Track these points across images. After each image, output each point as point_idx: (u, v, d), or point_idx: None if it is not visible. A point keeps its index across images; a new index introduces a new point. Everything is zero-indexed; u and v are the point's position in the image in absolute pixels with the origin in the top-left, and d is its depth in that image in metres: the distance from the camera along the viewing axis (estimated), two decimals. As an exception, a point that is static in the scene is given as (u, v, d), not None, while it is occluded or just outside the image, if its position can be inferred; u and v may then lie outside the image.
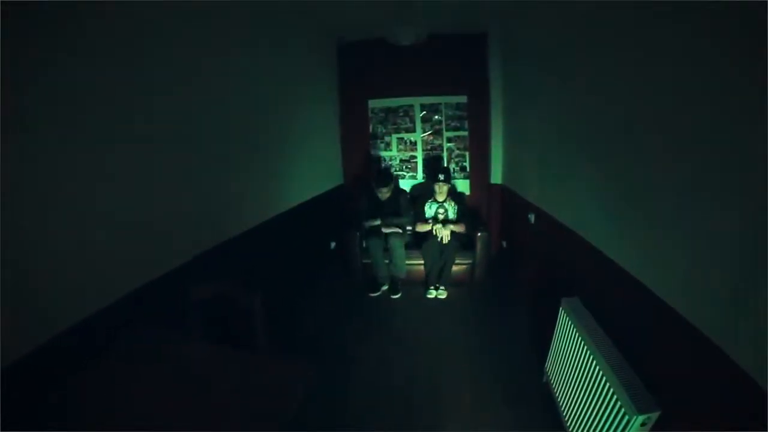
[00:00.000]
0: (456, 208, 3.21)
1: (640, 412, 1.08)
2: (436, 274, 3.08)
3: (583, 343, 1.46)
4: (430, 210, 3.24)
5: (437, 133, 3.84)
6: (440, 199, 3.20)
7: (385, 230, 3.16)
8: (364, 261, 3.23)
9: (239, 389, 0.99)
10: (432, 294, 3.04)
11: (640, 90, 1.26)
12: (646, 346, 1.27)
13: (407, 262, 3.13)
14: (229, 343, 1.25)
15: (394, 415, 1.80)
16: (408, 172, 3.97)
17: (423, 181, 3.92)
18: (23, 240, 0.98)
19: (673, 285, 1.13)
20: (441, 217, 3.19)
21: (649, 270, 1.26)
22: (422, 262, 3.12)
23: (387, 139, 3.93)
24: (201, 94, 1.73)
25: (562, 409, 1.62)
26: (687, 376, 1.08)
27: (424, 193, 3.40)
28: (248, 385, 1.01)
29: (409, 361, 2.22)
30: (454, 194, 3.37)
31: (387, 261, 3.12)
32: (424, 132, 3.86)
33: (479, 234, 3.06)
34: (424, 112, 3.82)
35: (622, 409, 1.14)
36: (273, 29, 2.46)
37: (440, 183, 3.13)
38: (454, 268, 3.11)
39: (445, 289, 3.07)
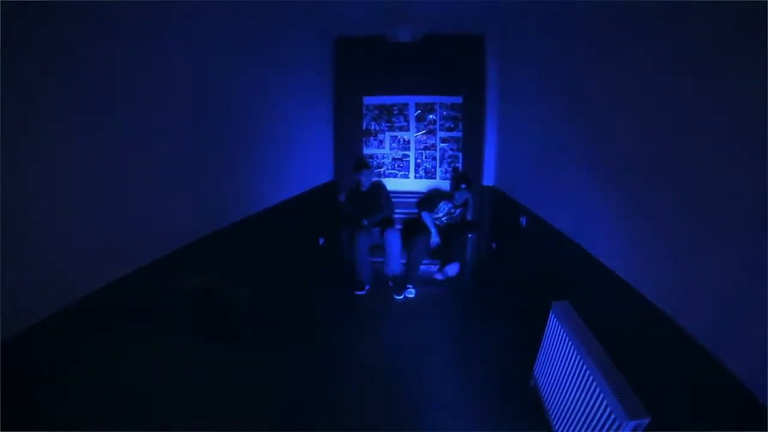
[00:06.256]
0: (462, 211, 3.37)
1: (631, 418, 1.07)
2: (415, 273, 3.12)
3: (573, 347, 1.45)
4: (444, 206, 3.33)
5: (431, 133, 3.82)
6: (456, 202, 3.32)
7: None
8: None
9: (220, 385, 0.95)
10: (411, 294, 3.07)
11: (644, 96, 1.26)
12: (638, 352, 1.26)
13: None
14: (212, 337, 1.20)
15: (377, 418, 1.76)
16: (400, 171, 3.94)
17: (448, 188, 3.83)
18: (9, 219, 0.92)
19: (666, 291, 1.12)
20: (444, 218, 3.34)
21: (641, 275, 1.25)
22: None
23: (381, 136, 3.90)
24: (189, 87, 1.65)
25: (551, 413, 1.61)
26: (678, 383, 1.07)
27: (440, 192, 3.49)
28: (230, 381, 0.97)
29: (394, 363, 2.18)
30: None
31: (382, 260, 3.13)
32: (418, 131, 3.84)
33: (469, 235, 3.06)
34: (419, 111, 3.79)
35: (612, 415, 1.13)
36: (269, 23, 2.39)
37: (462, 191, 3.24)
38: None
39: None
